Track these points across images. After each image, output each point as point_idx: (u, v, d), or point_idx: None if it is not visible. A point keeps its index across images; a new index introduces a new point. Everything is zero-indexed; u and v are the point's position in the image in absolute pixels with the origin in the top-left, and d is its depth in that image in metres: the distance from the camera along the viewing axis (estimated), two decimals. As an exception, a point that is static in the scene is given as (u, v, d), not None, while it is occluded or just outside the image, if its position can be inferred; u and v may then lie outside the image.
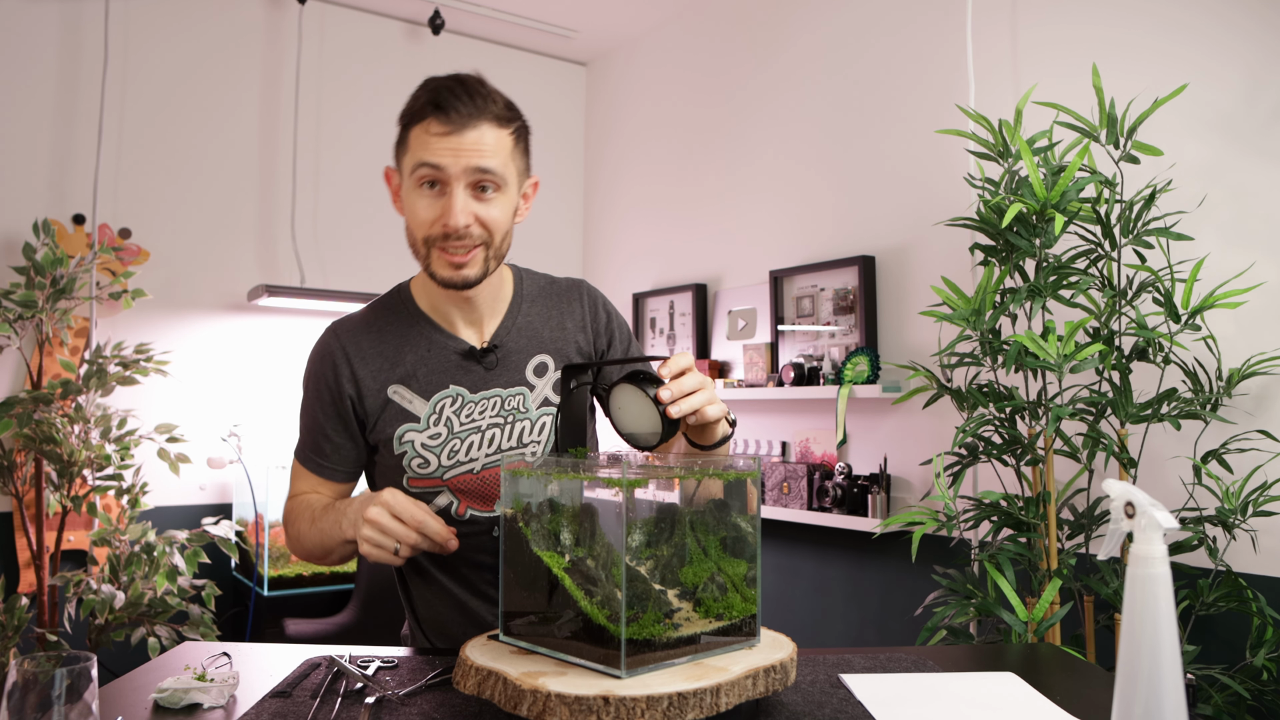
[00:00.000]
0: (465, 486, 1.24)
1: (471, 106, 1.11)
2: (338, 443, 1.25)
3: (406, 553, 1.06)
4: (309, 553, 1.23)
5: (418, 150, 1.12)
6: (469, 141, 1.11)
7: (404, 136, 1.16)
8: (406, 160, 1.15)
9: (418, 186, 1.14)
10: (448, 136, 1.10)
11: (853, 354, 2.68)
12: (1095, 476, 2.03)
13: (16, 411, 2.45)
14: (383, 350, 1.24)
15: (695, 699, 0.81)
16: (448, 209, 1.12)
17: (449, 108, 1.10)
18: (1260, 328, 1.91)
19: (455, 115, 1.10)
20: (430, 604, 1.29)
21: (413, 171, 1.13)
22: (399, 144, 1.18)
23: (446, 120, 1.10)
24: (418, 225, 1.15)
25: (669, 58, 3.64)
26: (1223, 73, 2.00)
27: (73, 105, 2.98)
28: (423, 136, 1.12)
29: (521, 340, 1.27)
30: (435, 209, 1.13)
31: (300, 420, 1.28)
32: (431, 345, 1.24)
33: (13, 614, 2.43)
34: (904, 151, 2.68)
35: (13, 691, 0.69)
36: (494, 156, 1.12)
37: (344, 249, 3.48)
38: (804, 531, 2.87)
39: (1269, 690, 1.74)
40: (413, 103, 1.15)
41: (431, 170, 1.11)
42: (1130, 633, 0.75)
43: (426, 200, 1.13)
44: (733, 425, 1.15)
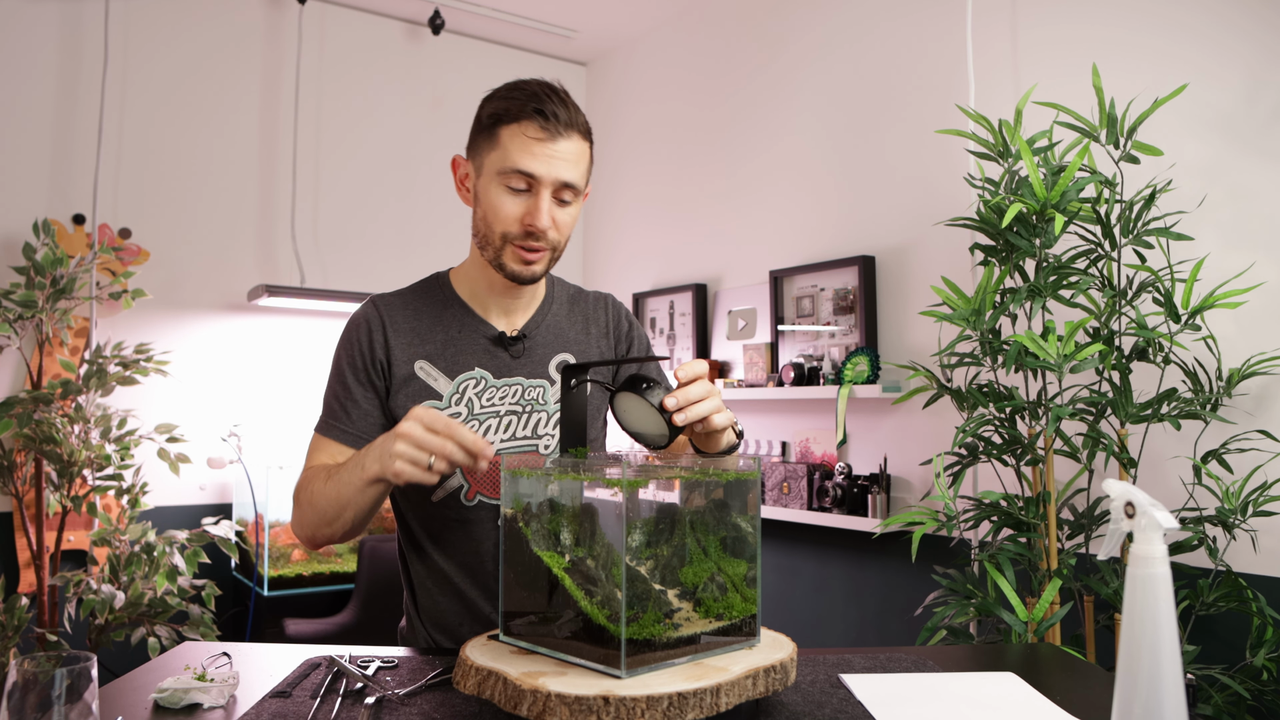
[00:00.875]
0: (476, 471, 1.25)
1: (567, 116, 1.17)
2: (365, 408, 1.25)
3: (442, 467, 1.04)
4: (320, 516, 1.16)
5: (516, 154, 1.16)
6: (562, 151, 1.17)
7: (493, 133, 1.18)
8: (494, 158, 1.18)
9: (504, 185, 1.18)
10: (544, 143, 1.16)
11: (853, 354, 2.68)
12: (1095, 476, 2.03)
13: (16, 411, 2.45)
14: (416, 326, 1.27)
15: (695, 699, 0.81)
16: (534, 212, 1.17)
17: (549, 114, 1.16)
18: (1260, 328, 1.91)
19: (554, 123, 1.16)
20: (429, 592, 1.29)
21: (503, 172, 1.17)
22: (484, 138, 1.20)
23: (545, 127, 1.16)
24: (499, 221, 1.19)
25: (669, 58, 3.64)
26: (1223, 73, 2.00)
27: (73, 105, 2.98)
28: (520, 139, 1.16)
29: (548, 336, 1.32)
30: (520, 208, 1.18)
31: (326, 392, 1.28)
32: (463, 327, 1.28)
33: (13, 614, 2.43)
34: (904, 151, 2.68)
35: (13, 691, 0.69)
36: (578, 168, 1.19)
37: (344, 249, 3.48)
38: (804, 531, 2.87)
39: (1269, 690, 1.74)
40: (507, 103, 1.18)
41: (526, 177, 1.17)
42: (1130, 633, 0.75)
43: (512, 199, 1.18)
44: (740, 436, 1.15)
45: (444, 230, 3.68)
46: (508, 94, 1.18)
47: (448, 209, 3.70)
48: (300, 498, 1.21)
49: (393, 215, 3.60)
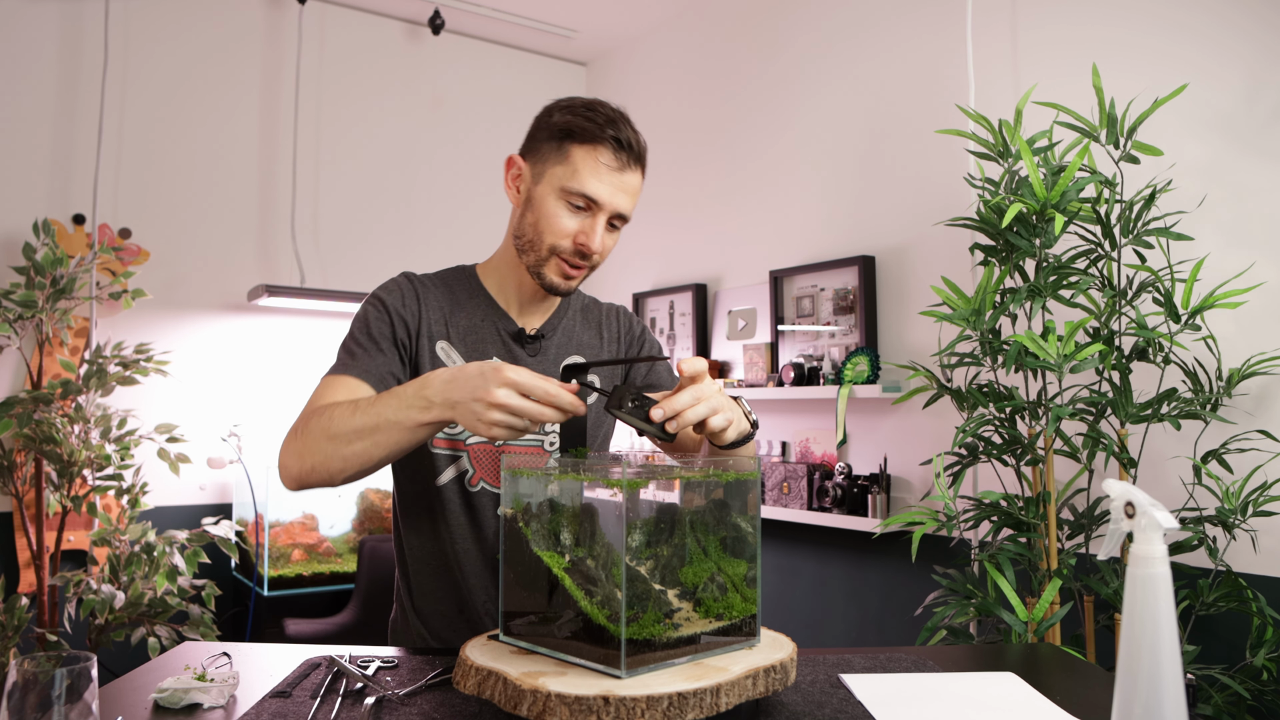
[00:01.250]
0: (483, 457, 1.26)
1: (637, 149, 1.21)
2: (389, 357, 1.23)
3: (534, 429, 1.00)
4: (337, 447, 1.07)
5: (586, 177, 1.18)
6: (628, 183, 1.21)
7: (563, 148, 1.20)
8: (561, 172, 1.20)
9: (565, 201, 1.20)
10: (614, 172, 1.19)
11: (853, 354, 2.68)
12: (1095, 476, 2.03)
13: (16, 411, 2.45)
14: (444, 306, 1.29)
15: (695, 699, 0.81)
16: (589, 233, 1.20)
17: (625, 144, 1.19)
18: (1260, 328, 1.91)
19: (627, 154, 1.20)
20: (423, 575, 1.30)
21: (568, 190, 1.19)
22: (552, 148, 1.21)
23: (618, 156, 1.19)
24: (552, 233, 1.21)
25: (669, 58, 3.64)
26: (1223, 73, 2.00)
27: (73, 105, 2.98)
28: (591, 163, 1.18)
29: (563, 338, 1.35)
30: (575, 225, 1.21)
31: (345, 342, 1.24)
32: (485, 317, 1.30)
33: (13, 614, 2.43)
34: (904, 151, 2.68)
35: (13, 691, 0.69)
36: (634, 200, 1.24)
37: (344, 249, 3.48)
38: (804, 531, 2.87)
39: (1269, 690, 1.74)
40: (585, 122, 1.19)
41: (589, 200, 1.19)
42: (1130, 633, 0.75)
43: (570, 216, 1.21)
44: (755, 426, 1.14)
45: (444, 230, 3.68)
46: (585, 113, 1.19)
47: (448, 208, 3.70)
48: (308, 427, 1.10)
49: (393, 215, 3.60)
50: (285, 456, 1.13)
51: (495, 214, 3.76)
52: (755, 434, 1.16)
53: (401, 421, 1.04)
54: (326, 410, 1.10)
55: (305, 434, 1.10)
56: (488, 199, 3.77)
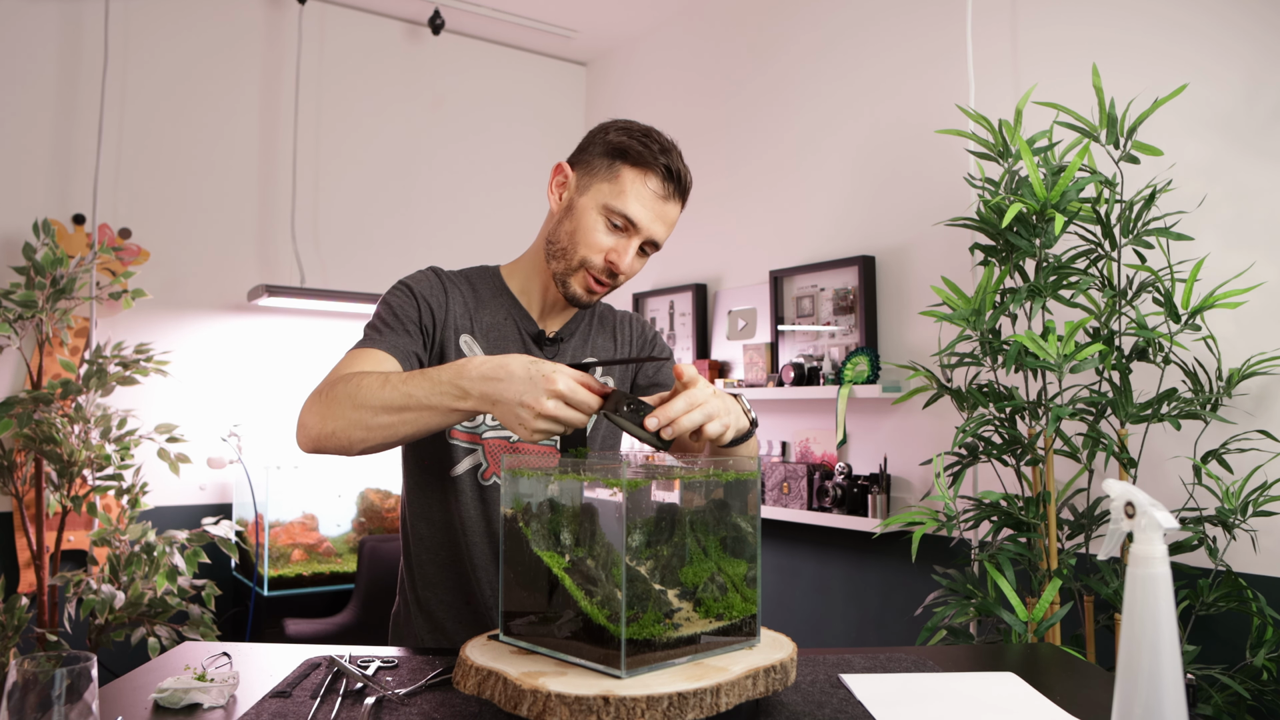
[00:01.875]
0: (499, 452, 1.29)
1: (684, 182, 1.25)
2: (413, 338, 1.24)
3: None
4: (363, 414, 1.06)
5: (631, 200, 1.21)
6: (669, 214, 1.25)
7: (614, 166, 1.23)
8: (607, 190, 1.23)
9: (604, 218, 1.23)
10: (658, 200, 1.23)
11: (853, 354, 2.68)
12: (1095, 476, 2.03)
13: (16, 411, 2.45)
14: (468, 302, 1.32)
15: (695, 699, 0.81)
16: (621, 253, 1.24)
17: (674, 177, 1.22)
18: (1260, 328, 1.91)
19: (674, 186, 1.23)
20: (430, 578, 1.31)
21: (610, 208, 1.22)
22: (603, 164, 1.24)
23: (665, 185, 1.22)
24: (586, 245, 1.24)
25: (669, 58, 3.64)
26: (1223, 73, 2.00)
27: (73, 105, 2.98)
28: (639, 187, 1.22)
29: (579, 342, 1.39)
30: (609, 243, 1.24)
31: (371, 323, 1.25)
32: (508, 316, 1.33)
33: (13, 614, 2.43)
34: (904, 151, 2.68)
35: (13, 691, 0.69)
36: (669, 231, 1.27)
37: (344, 249, 3.48)
38: (804, 531, 2.87)
39: (1269, 690, 1.74)
40: (640, 145, 1.22)
41: (629, 221, 1.22)
42: (1130, 633, 0.75)
43: (607, 234, 1.24)
44: (754, 424, 1.15)
45: (445, 229, 3.69)
46: (641, 137, 1.23)
47: (448, 208, 3.70)
48: (335, 392, 1.09)
49: (393, 215, 3.60)
50: (306, 415, 1.11)
51: (495, 213, 3.76)
52: (755, 431, 1.16)
53: (434, 405, 1.04)
54: (355, 378, 1.09)
55: (330, 398, 1.09)
56: (488, 198, 3.78)
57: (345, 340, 1.28)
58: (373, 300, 3.15)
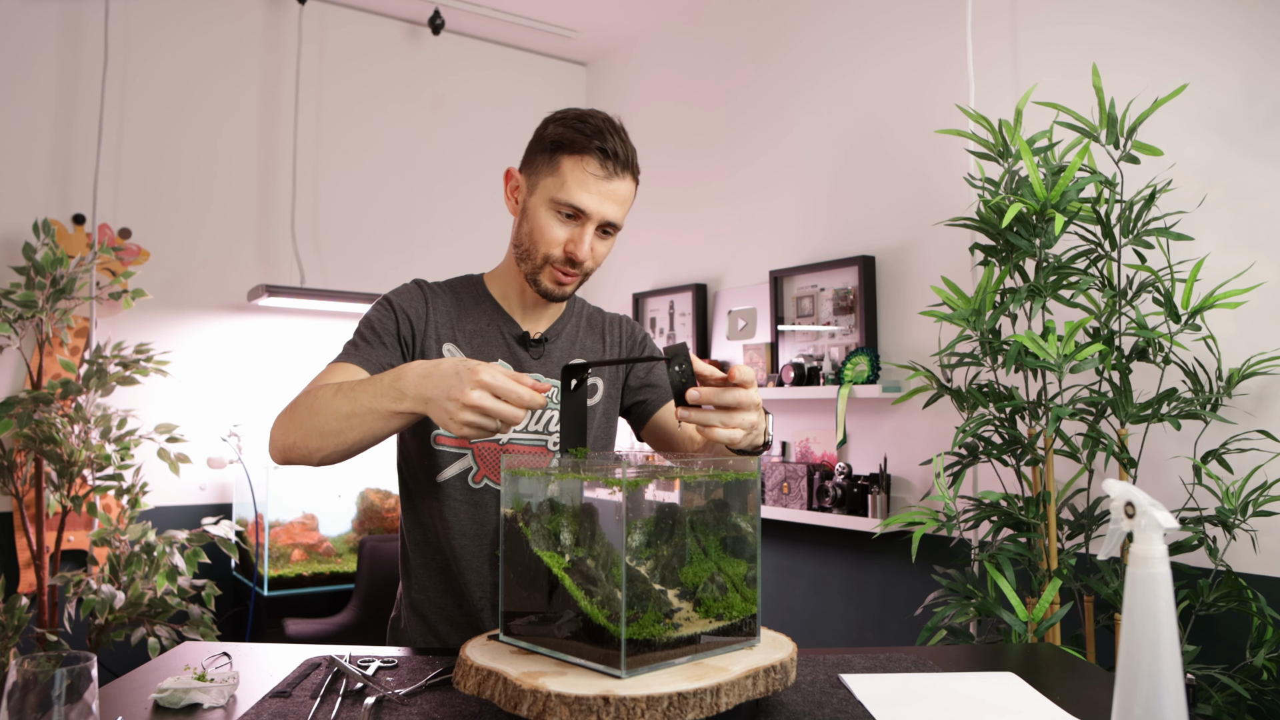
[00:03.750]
0: (488, 455, 1.29)
1: (625, 157, 1.23)
2: (390, 350, 1.27)
3: (505, 430, 1.02)
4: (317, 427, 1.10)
5: (573, 187, 1.21)
6: (616, 192, 1.23)
7: (554, 159, 1.23)
8: (551, 184, 1.23)
9: (555, 211, 1.23)
10: (601, 181, 1.21)
11: (853, 354, 2.68)
12: (1095, 476, 2.03)
13: (16, 411, 2.45)
14: (451, 311, 1.33)
15: (695, 699, 0.81)
16: (578, 242, 1.23)
17: (610, 154, 1.21)
18: (1260, 328, 1.91)
19: (613, 163, 1.21)
20: (425, 572, 1.31)
21: (557, 200, 1.22)
22: (544, 160, 1.24)
23: (605, 165, 1.21)
24: (544, 243, 1.24)
25: (669, 58, 3.64)
26: (1223, 73, 2.00)
27: (73, 105, 2.98)
28: (579, 174, 1.21)
29: (566, 343, 1.38)
30: (565, 234, 1.24)
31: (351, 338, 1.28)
32: (491, 321, 1.34)
33: (13, 614, 2.43)
34: (904, 151, 2.68)
35: (13, 691, 0.69)
36: (624, 207, 1.25)
37: (344, 249, 3.48)
38: (804, 531, 2.87)
39: (1269, 690, 1.74)
40: (573, 133, 1.21)
41: (577, 210, 1.22)
42: (1130, 633, 0.75)
43: (560, 225, 1.24)
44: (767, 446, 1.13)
45: (444, 230, 3.68)
46: (575, 124, 1.22)
47: (448, 208, 3.70)
48: (297, 404, 1.14)
49: (393, 215, 3.60)
50: (274, 429, 1.17)
51: (495, 214, 3.76)
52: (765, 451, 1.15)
53: (375, 409, 1.06)
54: (315, 390, 1.14)
55: (293, 410, 1.15)
56: (488, 198, 3.77)
57: (345, 340, 1.30)
58: (372, 300, 3.14)
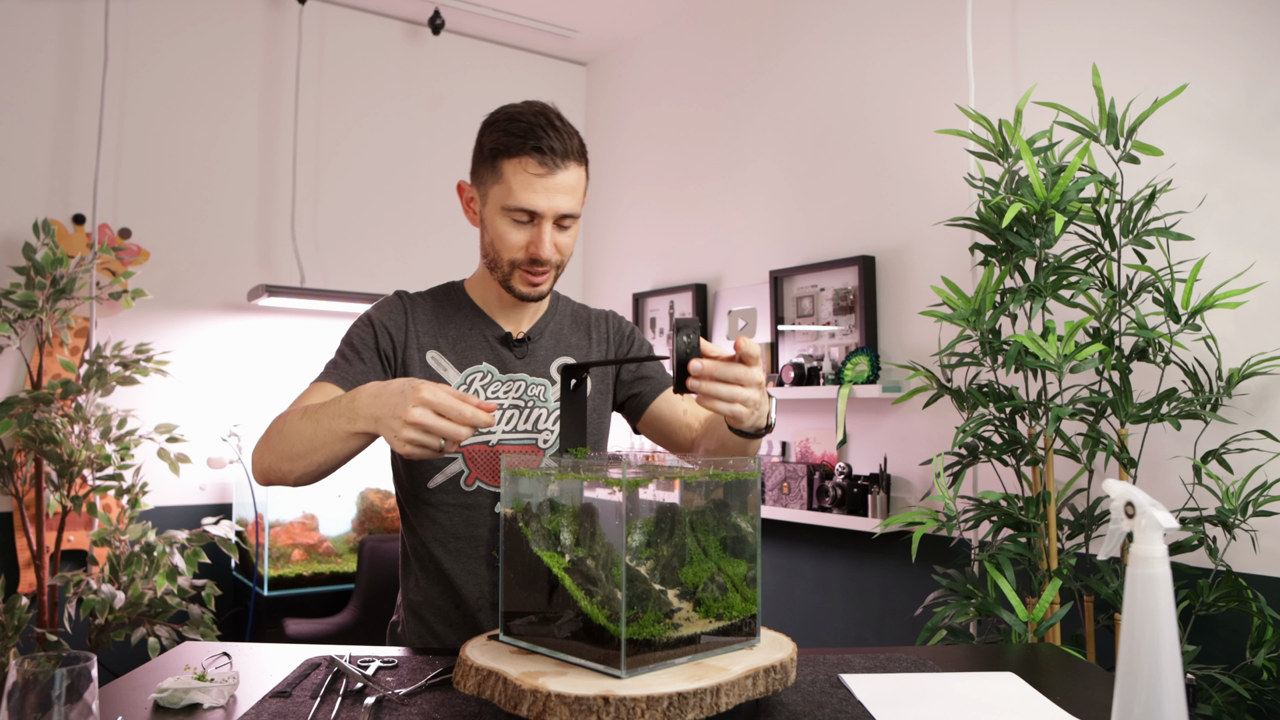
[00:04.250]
0: (479, 457, 1.30)
1: (563, 147, 1.21)
2: (369, 364, 1.28)
3: (451, 449, 1.03)
4: (286, 450, 1.13)
5: (518, 191, 1.20)
6: (561, 184, 1.21)
7: (496, 166, 1.22)
8: (498, 191, 1.23)
9: (508, 218, 1.23)
10: (543, 177, 1.20)
11: (853, 354, 2.68)
12: (1095, 476, 2.03)
13: (16, 411, 2.45)
14: (433, 320, 1.34)
15: (695, 699, 0.81)
16: (538, 242, 1.23)
17: (545, 149, 1.19)
18: (1260, 328, 1.91)
19: (550, 156, 1.20)
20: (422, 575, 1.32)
21: (507, 207, 1.22)
22: (488, 169, 1.24)
23: (544, 162, 1.20)
24: (506, 249, 1.25)
25: (669, 58, 3.64)
26: (1223, 73, 2.00)
27: (73, 105, 2.98)
28: (521, 175, 1.20)
29: (551, 341, 1.38)
30: (524, 237, 1.24)
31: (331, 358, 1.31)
32: (474, 326, 1.35)
33: (13, 614, 2.43)
34: (904, 151, 2.68)
35: (13, 691, 0.69)
36: (576, 195, 1.24)
37: (344, 249, 3.48)
38: (804, 531, 2.87)
39: (1269, 690, 1.74)
40: (506, 136, 1.21)
41: (528, 212, 1.21)
42: (1130, 633, 0.75)
43: (517, 230, 1.24)
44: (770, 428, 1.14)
45: (444, 230, 3.68)
46: (506, 126, 1.21)
47: (448, 209, 3.70)
48: (271, 429, 1.18)
49: (393, 215, 3.60)
50: (254, 453, 1.20)
51: (495, 214, 3.75)
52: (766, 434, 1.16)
53: (334, 430, 1.09)
54: (286, 415, 1.17)
55: (268, 435, 1.18)
56: (488, 199, 3.77)
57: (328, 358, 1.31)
58: (372, 300, 3.15)
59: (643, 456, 1.12)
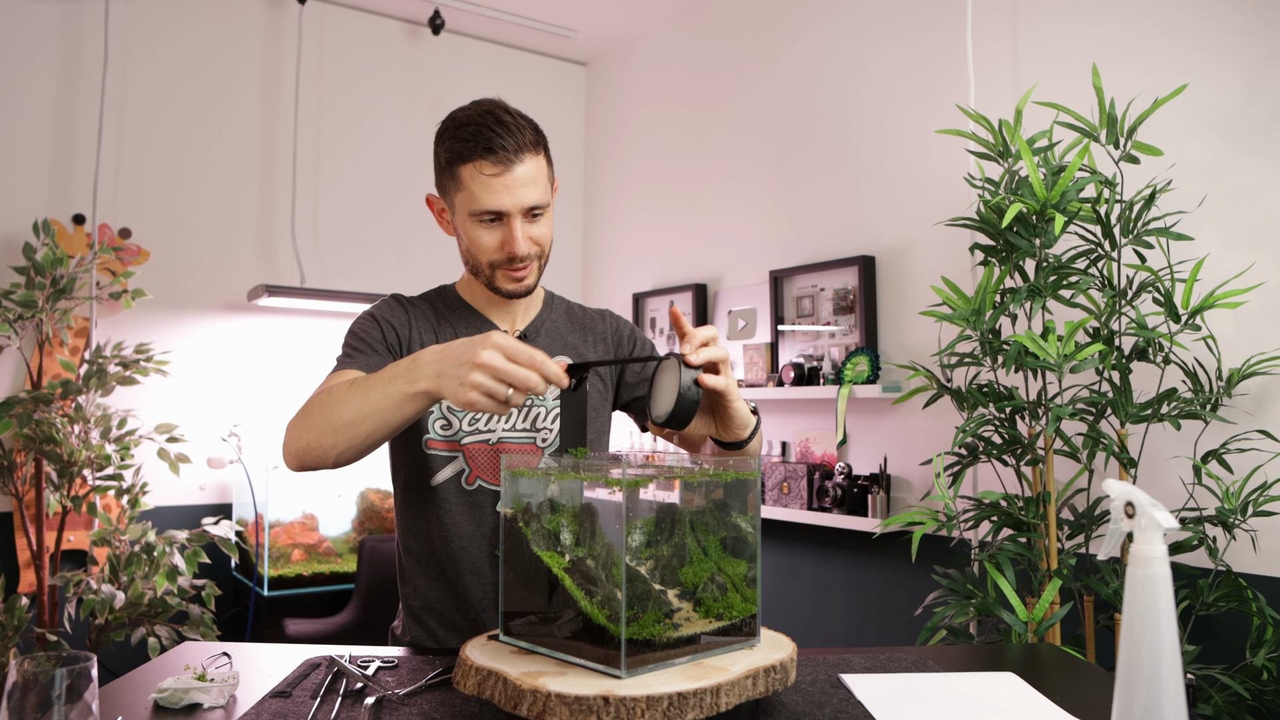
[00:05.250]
0: (479, 456, 1.30)
1: (513, 141, 1.20)
2: (382, 356, 1.28)
3: (519, 400, 0.98)
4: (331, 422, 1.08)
5: (478, 194, 1.20)
6: (520, 178, 1.20)
7: (454, 173, 1.22)
8: (461, 199, 1.23)
9: (477, 223, 1.23)
10: (500, 176, 1.20)
11: (853, 354, 2.68)
12: (1095, 476, 2.03)
13: (16, 411, 2.45)
14: (431, 321, 1.35)
15: (695, 699, 0.81)
16: (510, 239, 1.23)
17: (497, 148, 1.19)
18: (1260, 328, 1.91)
19: (503, 154, 1.19)
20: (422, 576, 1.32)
21: (473, 212, 1.22)
22: (448, 179, 1.24)
23: (496, 161, 1.19)
24: (482, 252, 1.25)
25: (669, 58, 3.64)
26: (1223, 73, 2.00)
27: (73, 105, 2.98)
28: (478, 178, 1.20)
29: (548, 339, 1.39)
30: (497, 237, 1.24)
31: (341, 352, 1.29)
32: (470, 325, 1.36)
33: (13, 614, 2.43)
34: (904, 151, 2.68)
35: (13, 691, 0.68)
36: (539, 185, 1.23)
37: (344, 249, 3.48)
38: (804, 531, 2.87)
39: (1269, 690, 1.74)
40: (457, 143, 1.21)
41: (493, 213, 1.21)
42: (1130, 633, 0.75)
43: (488, 232, 1.24)
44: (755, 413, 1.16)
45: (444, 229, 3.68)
46: (456, 133, 1.21)
47: (448, 209, 3.70)
48: (310, 405, 1.13)
49: (393, 215, 3.60)
50: (287, 435, 1.15)
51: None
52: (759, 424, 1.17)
53: (391, 394, 1.05)
54: (324, 390, 1.14)
55: (306, 411, 1.13)
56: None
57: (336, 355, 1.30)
58: (372, 300, 3.15)
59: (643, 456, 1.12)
